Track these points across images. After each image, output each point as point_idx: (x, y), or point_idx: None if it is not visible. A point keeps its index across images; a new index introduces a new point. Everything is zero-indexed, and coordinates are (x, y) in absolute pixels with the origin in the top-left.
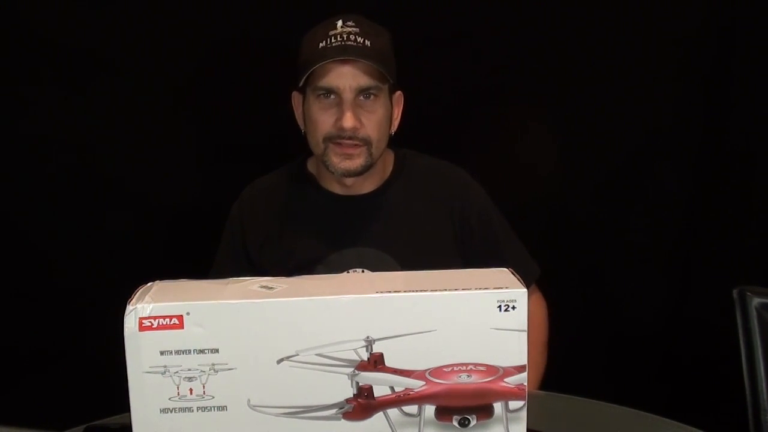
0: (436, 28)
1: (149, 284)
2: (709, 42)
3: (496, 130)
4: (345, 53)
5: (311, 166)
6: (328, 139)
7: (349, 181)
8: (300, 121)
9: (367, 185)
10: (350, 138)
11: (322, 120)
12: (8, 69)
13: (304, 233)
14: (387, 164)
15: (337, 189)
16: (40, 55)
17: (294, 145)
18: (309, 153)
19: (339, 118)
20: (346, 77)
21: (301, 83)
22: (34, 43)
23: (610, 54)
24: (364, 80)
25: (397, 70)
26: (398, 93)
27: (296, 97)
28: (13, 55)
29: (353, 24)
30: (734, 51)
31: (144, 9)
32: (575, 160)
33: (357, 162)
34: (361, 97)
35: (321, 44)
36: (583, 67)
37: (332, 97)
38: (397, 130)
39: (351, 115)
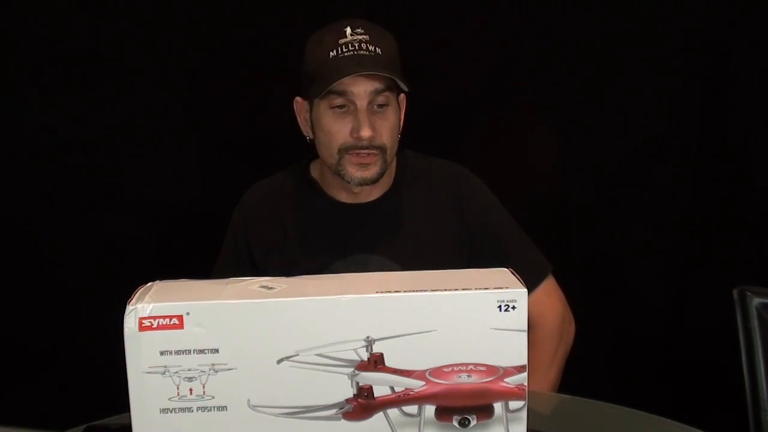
0: (436, 28)
1: (149, 284)
2: (709, 42)
3: (496, 131)
4: (360, 65)
5: (314, 172)
6: (344, 150)
7: (358, 188)
8: (305, 129)
9: (374, 192)
10: (366, 147)
11: (336, 130)
12: (8, 69)
13: (310, 241)
14: (392, 168)
15: (342, 197)
16: (40, 55)
17: (293, 146)
18: (310, 158)
19: (355, 128)
20: (361, 84)
21: (321, 96)
22: (34, 43)
23: (610, 54)
24: (379, 86)
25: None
26: (402, 96)
27: (300, 104)
28: (13, 55)
29: (362, 31)
30: (734, 51)
31: (145, 10)
32: (574, 160)
33: (373, 170)
34: (375, 106)
35: (332, 53)
36: (584, 67)
37: (345, 106)
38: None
39: (369, 126)
